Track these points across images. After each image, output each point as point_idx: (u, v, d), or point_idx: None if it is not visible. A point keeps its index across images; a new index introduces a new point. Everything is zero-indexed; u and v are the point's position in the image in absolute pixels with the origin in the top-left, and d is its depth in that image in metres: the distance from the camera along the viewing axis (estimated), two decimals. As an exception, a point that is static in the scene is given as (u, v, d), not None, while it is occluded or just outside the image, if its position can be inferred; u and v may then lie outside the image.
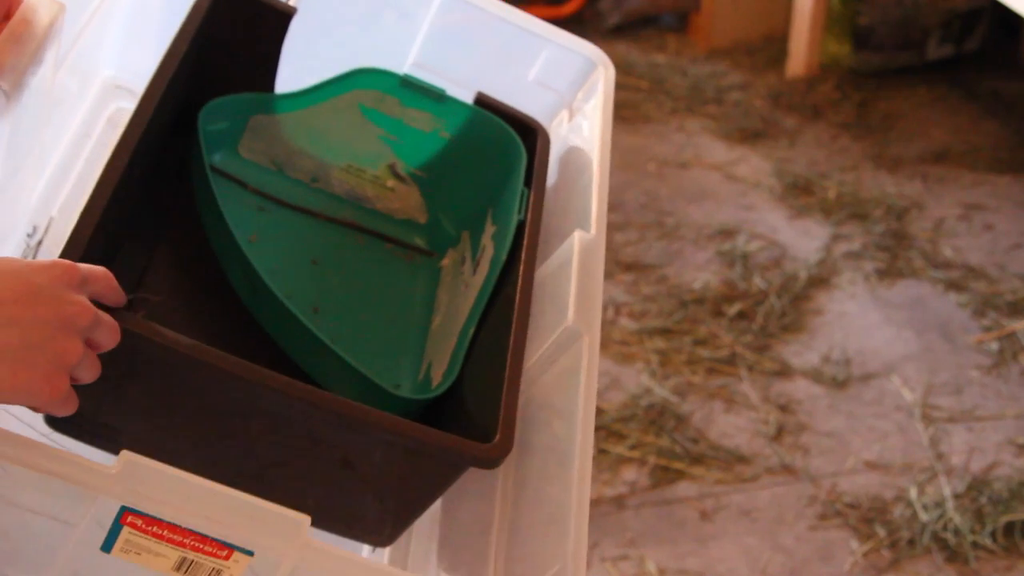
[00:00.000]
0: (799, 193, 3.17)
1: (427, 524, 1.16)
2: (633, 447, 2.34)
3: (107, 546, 0.87)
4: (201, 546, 0.87)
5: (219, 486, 0.86)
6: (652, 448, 2.34)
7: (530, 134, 1.28)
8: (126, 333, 0.90)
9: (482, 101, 1.29)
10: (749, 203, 3.14)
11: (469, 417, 1.08)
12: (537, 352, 1.12)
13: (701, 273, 2.84)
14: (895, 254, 2.92)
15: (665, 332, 2.65)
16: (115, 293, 0.90)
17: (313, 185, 1.31)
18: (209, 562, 0.88)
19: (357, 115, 1.29)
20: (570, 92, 1.35)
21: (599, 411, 2.42)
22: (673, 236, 2.98)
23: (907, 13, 3.61)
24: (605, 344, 2.61)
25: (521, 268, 1.15)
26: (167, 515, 0.85)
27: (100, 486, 0.83)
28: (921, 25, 3.64)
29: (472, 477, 1.08)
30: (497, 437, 1.01)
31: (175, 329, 0.95)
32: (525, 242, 1.17)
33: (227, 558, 0.87)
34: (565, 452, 1.03)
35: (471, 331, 1.16)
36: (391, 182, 1.32)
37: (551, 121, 1.35)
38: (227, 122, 1.25)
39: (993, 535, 2.16)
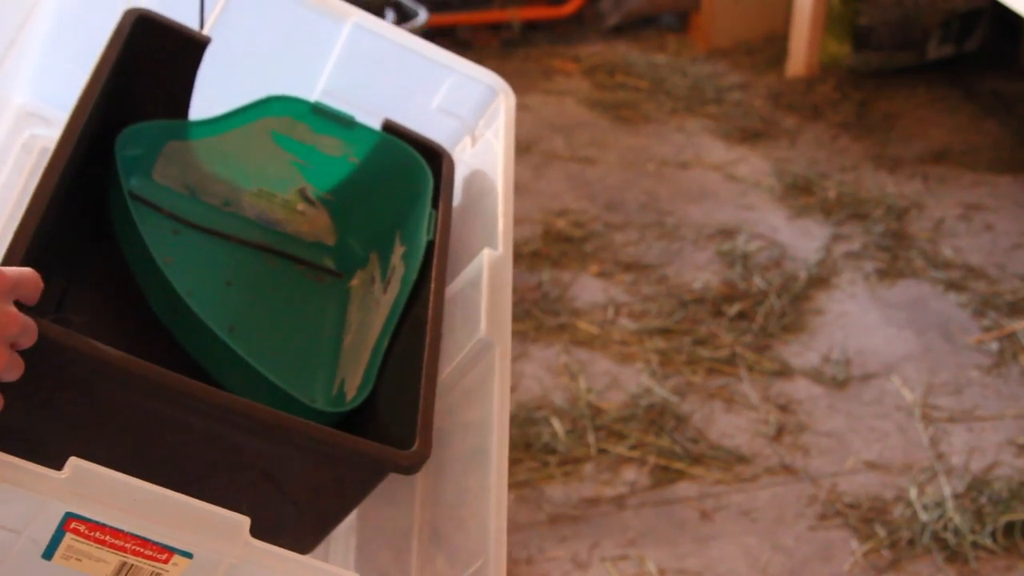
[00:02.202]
0: (799, 193, 3.17)
1: (343, 532, 1.20)
2: (633, 447, 2.34)
3: (48, 553, 0.90)
4: (141, 550, 0.89)
5: (164, 490, 0.89)
6: (652, 448, 2.34)
7: (435, 158, 1.34)
8: (60, 347, 0.93)
9: (390, 127, 1.34)
10: (749, 203, 3.14)
11: (384, 429, 1.12)
12: (451, 364, 1.18)
13: (701, 273, 2.84)
14: (895, 254, 2.92)
15: (665, 332, 2.65)
16: (38, 294, 0.94)
17: (225, 209, 1.35)
18: (148, 566, 0.90)
19: (269, 141, 1.33)
20: (472, 119, 1.41)
21: (599, 411, 2.42)
22: (673, 236, 2.98)
23: (907, 13, 3.61)
24: (605, 344, 2.61)
25: (432, 285, 1.20)
26: (111, 520, 0.88)
27: (49, 490, 0.86)
28: (921, 25, 3.64)
29: (390, 486, 1.12)
30: (416, 444, 1.06)
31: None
32: (435, 261, 1.23)
33: (166, 561, 0.90)
34: (482, 451, 1.08)
35: (384, 346, 1.21)
36: (301, 206, 1.37)
37: (455, 147, 1.41)
38: (142, 148, 1.28)
39: (993, 535, 2.16)
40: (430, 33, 2.99)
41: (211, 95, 1.32)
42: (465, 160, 1.40)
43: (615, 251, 2.92)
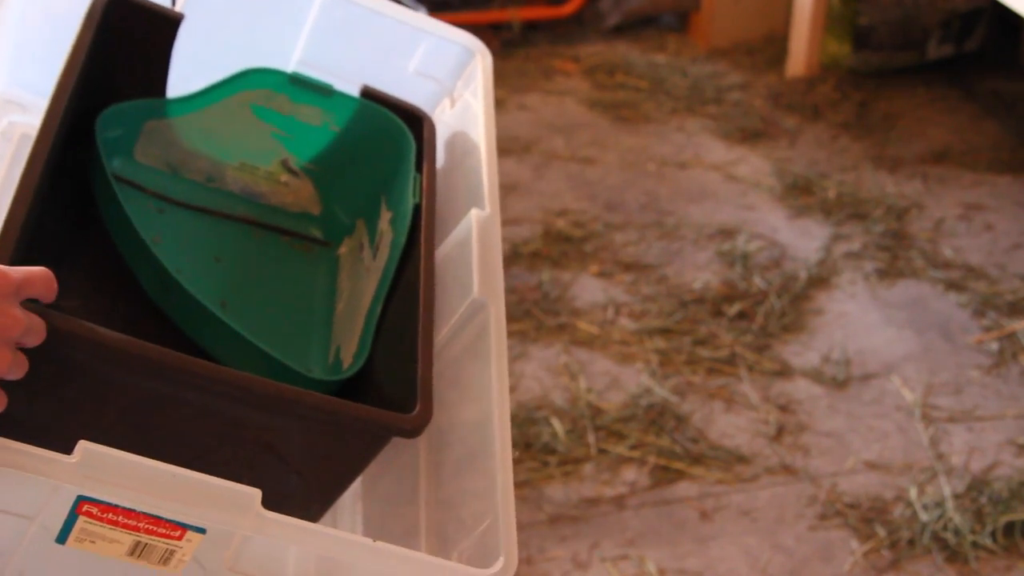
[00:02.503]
0: (799, 193, 3.17)
1: (349, 500, 1.20)
2: (633, 447, 2.34)
3: (62, 537, 0.91)
4: (155, 528, 0.90)
5: (175, 468, 0.89)
6: (652, 448, 2.34)
7: (416, 122, 1.34)
8: (58, 332, 0.94)
9: (368, 93, 1.34)
10: (749, 203, 3.14)
11: (383, 395, 1.12)
12: (445, 327, 1.18)
13: (701, 273, 2.84)
14: (895, 254, 2.92)
15: (665, 332, 2.65)
16: (52, 292, 0.95)
17: (209, 185, 1.36)
18: (162, 543, 0.91)
19: (248, 114, 1.33)
20: (450, 80, 1.41)
21: (599, 411, 2.42)
22: (673, 236, 2.98)
23: (907, 13, 3.61)
24: (605, 344, 2.61)
25: (422, 248, 1.20)
26: (124, 500, 0.88)
27: (61, 475, 0.87)
28: (921, 25, 3.64)
29: (394, 452, 1.12)
30: (418, 407, 1.06)
31: None
32: (423, 224, 1.23)
33: (180, 538, 0.91)
34: (485, 412, 1.08)
35: (377, 312, 1.21)
36: (284, 177, 1.37)
37: (434, 109, 1.41)
38: (122, 129, 1.29)
39: (993, 535, 2.16)
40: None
41: (188, 72, 1.32)
42: (445, 121, 1.39)
43: (615, 251, 2.92)
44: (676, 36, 4.00)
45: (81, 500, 0.88)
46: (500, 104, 3.60)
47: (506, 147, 3.37)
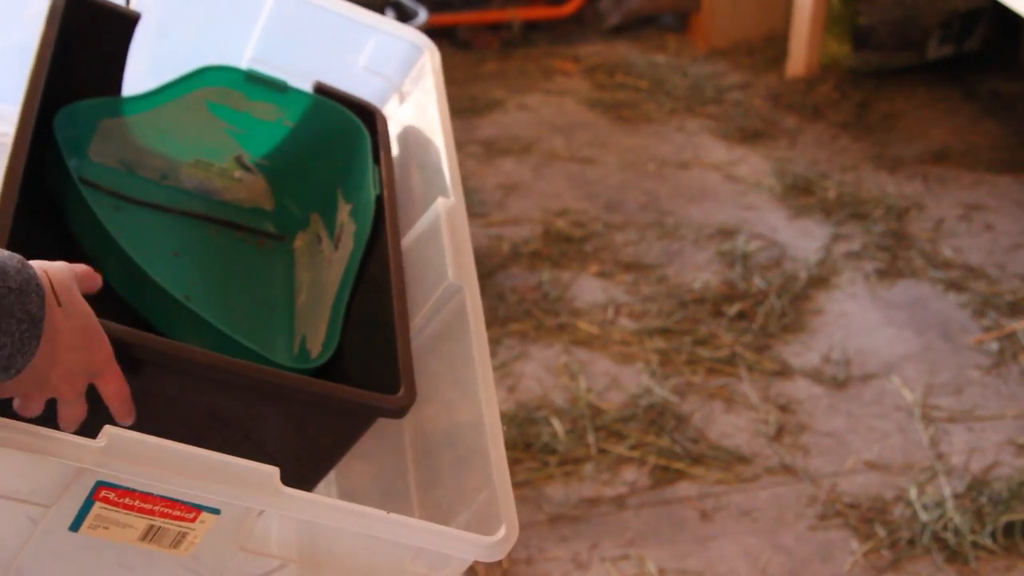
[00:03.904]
0: (799, 193, 3.17)
1: (322, 485, 1.21)
2: (633, 447, 2.34)
3: (76, 525, 0.92)
4: (170, 511, 0.92)
5: (197, 449, 0.91)
6: (652, 448, 2.34)
7: (369, 116, 1.36)
8: None
9: (321, 89, 1.37)
10: (749, 203, 3.14)
11: (355, 381, 1.13)
12: (419, 313, 1.20)
13: (701, 273, 2.84)
14: (895, 254, 2.92)
15: (665, 332, 2.65)
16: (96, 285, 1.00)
17: (163, 183, 1.37)
18: (175, 527, 0.93)
19: (204, 111, 1.35)
20: (398, 77, 1.44)
21: (599, 411, 2.42)
22: (673, 236, 2.98)
23: (907, 13, 3.61)
24: (605, 344, 2.61)
25: (388, 236, 1.22)
26: (144, 485, 0.91)
27: (88, 459, 0.88)
28: (921, 25, 3.64)
29: (375, 436, 1.14)
30: (402, 389, 1.08)
31: None
32: (387, 213, 1.25)
33: (193, 520, 0.93)
34: (469, 389, 1.10)
35: (345, 301, 1.23)
36: (238, 173, 1.40)
37: (383, 105, 1.44)
38: (77, 128, 1.30)
39: (993, 535, 2.16)
40: (431, 32, 2.99)
41: (143, 70, 1.34)
42: (396, 118, 1.42)
43: (615, 251, 2.92)
44: (676, 36, 4.00)
45: (100, 486, 0.90)
46: (500, 104, 3.60)
47: (506, 147, 3.37)
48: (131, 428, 1.04)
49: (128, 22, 1.29)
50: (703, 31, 3.91)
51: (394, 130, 1.40)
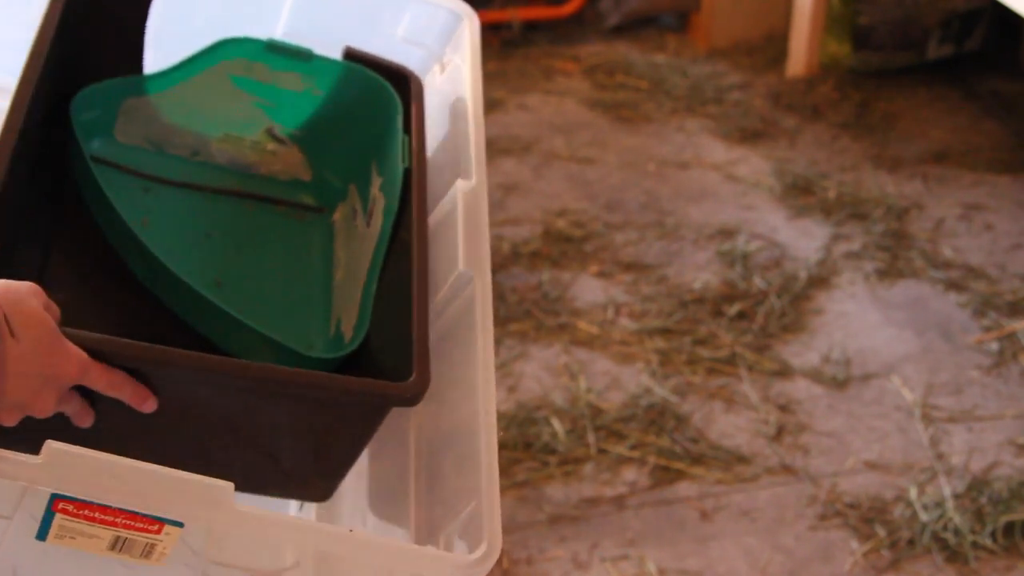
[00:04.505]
0: (799, 193, 3.16)
1: (352, 478, 1.19)
2: (633, 447, 2.34)
3: (42, 534, 0.91)
4: (132, 523, 0.90)
5: (143, 464, 0.89)
6: (652, 448, 2.34)
7: (402, 82, 1.29)
8: None
9: (351, 55, 1.30)
10: (749, 203, 3.14)
11: (381, 364, 1.10)
12: (433, 299, 1.16)
13: (701, 273, 2.84)
14: (895, 254, 2.92)
15: (665, 332, 2.65)
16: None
17: (194, 159, 1.32)
18: (142, 538, 0.91)
19: (228, 85, 1.30)
20: (439, 46, 1.38)
21: (599, 411, 2.42)
22: (673, 236, 2.98)
23: (907, 13, 3.61)
24: (605, 344, 2.61)
25: (414, 215, 1.17)
26: (96, 497, 0.88)
27: (29, 476, 0.87)
28: (921, 25, 3.64)
29: (387, 428, 1.10)
30: (414, 375, 1.04)
31: (83, 325, 0.97)
32: (414, 189, 1.19)
33: (159, 532, 0.91)
34: (470, 386, 1.07)
35: (374, 282, 1.18)
36: (271, 145, 1.34)
37: (424, 75, 1.37)
38: (100, 109, 1.26)
39: (993, 535, 2.16)
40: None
41: (167, 48, 1.29)
42: (436, 87, 1.36)
43: (615, 251, 2.92)
44: (676, 36, 4.00)
45: (56, 498, 0.88)
46: (500, 104, 3.60)
47: (506, 147, 3.37)
48: (148, 433, 1.03)
49: None
50: (703, 31, 3.91)
51: (434, 101, 1.33)
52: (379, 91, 1.29)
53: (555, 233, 2.98)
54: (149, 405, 0.99)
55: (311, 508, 1.23)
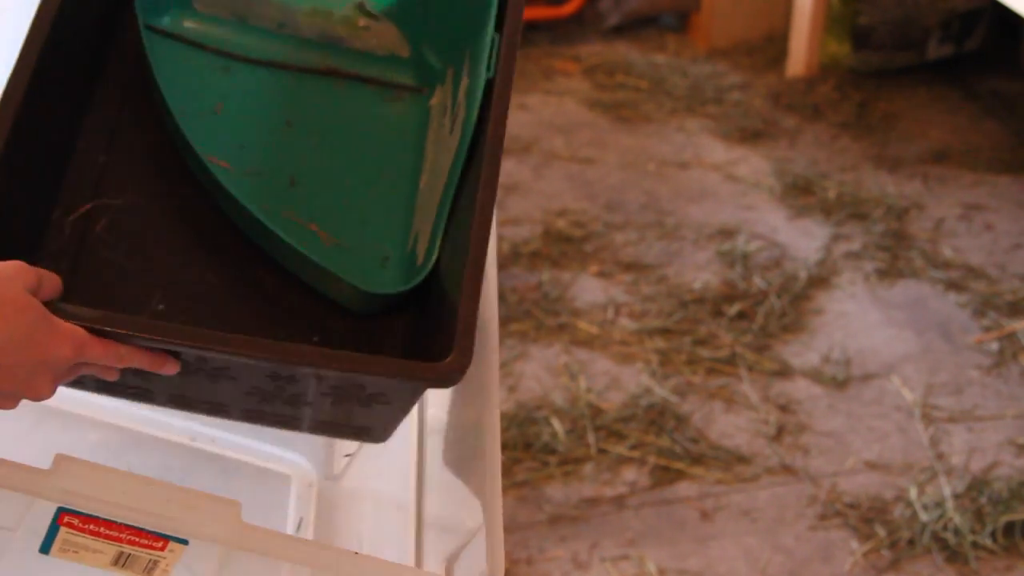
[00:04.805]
0: (799, 193, 3.16)
1: (355, 493, 1.17)
2: (633, 447, 2.34)
3: (45, 548, 0.89)
4: (137, 539, 0.88)
5: (152, 479, 0.87)
6: (652, 448, 2.34)
7: None
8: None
9: None
10: (749, 203, 3.14)
11: (444, 301, 1.00)
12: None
13: (701, 273, 2.84)
14: (895, 254, 2.92)
15: (665, 332, 2.65)
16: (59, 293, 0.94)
17: (280, 31, 1.20)
18: (145, 554, 0.90)
19: None
20: None
21: (599, 411, 2.42)
22: (673, 236, 2.98)
23: (907, 13, 3.61)
24: (605, 344, 2.61)
25: (488, 138, 1.03)
26: (102, 511, 0.87)
27: (37, 487, 0.86)
28: (921, 25, 3.64)
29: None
30: (452, 354, 0.92)
31: (143, 233, 0.93)
32: (492, 112, 1.06)
33: (163, 549, 0.89)
34: (478, 385, 1.03)
35: (448, 206, 1.07)
36: (363, 21, 1.23)
37: None
38: None
39: (993, 535, 2.16)
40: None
41: None
42: None
43: (615, 251, 2.92)
44: (676, 36, 4.00)
45: (61, 512, 0.87)
46: (500, 104, 3.59)
47: (506, 147, 3.36)
48: (212, 394, 0.98)
49: None
50: (703, 31, 3.91)
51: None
52: None
53: (555, 233, 2.98)
54: (169, 368, 0.94)
55: (309, 527, 1.23)
